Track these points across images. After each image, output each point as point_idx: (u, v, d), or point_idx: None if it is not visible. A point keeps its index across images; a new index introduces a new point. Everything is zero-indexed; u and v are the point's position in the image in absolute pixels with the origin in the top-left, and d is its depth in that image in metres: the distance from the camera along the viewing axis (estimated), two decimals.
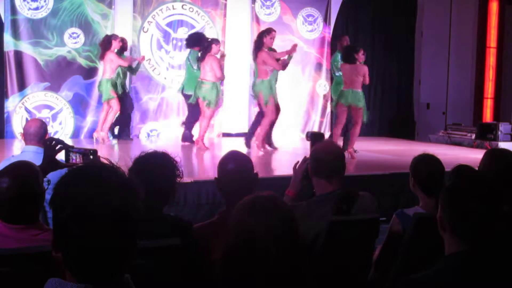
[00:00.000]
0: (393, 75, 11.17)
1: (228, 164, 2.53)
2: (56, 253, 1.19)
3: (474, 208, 1.66)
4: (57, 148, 2.73)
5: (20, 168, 2.26)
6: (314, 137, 3.62)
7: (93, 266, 1.17)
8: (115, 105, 8.33)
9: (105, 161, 1.29)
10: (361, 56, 7.33)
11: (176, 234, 2.22)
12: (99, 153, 2.70)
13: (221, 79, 7.98)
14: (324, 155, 2.80)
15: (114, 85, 8.30)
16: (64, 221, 1.17)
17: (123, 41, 8.61)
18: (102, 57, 8.37)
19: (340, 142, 7.35)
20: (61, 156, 2.79)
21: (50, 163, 2.68)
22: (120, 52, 8.54)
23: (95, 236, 1.15)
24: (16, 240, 2.11)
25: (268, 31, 7.68)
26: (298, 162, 3.00)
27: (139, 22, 9.35)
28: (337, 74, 8.25)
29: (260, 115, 7.82)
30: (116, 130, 8.88)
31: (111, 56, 8.25)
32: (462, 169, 2.76)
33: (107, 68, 8.27)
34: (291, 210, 1.51)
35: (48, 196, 1.51)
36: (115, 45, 8.34)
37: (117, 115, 8.57)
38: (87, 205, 1.16)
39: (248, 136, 8.02)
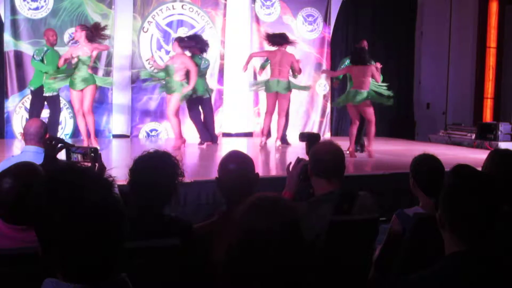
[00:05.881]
0: (393, 75, 11.16)
1: (229, 164, 2.53)
2: (43, 256, 1.20)
3: (473, 208, 1.66)
4: (57, 147, 2.73)
5: (22, 168, 2.25)
6: (311, 138, 3.60)
7: (80, 268, 1.18)
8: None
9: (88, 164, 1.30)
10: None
11: (175, 234, 2.22)
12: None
13: None
14: (324, 155, 2.80)
15: None
16: (48, 223, 1.18)
17: None
18: (90, 41, 7.31)
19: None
20: (63, 155, 2.79)
21: (51, 162, 2.68)
22: None
23: (79, 237, 1.16)
24: (18, 240, 2.11)
25: None
26: (290, 163, 2.99)
27: (139, 22, 9.35)
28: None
29: None
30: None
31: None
32: (461, 169, 2.76)
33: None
34: (295, 211, 1.50)
35: None
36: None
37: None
38: (69, 207, 1.16)
39: None
